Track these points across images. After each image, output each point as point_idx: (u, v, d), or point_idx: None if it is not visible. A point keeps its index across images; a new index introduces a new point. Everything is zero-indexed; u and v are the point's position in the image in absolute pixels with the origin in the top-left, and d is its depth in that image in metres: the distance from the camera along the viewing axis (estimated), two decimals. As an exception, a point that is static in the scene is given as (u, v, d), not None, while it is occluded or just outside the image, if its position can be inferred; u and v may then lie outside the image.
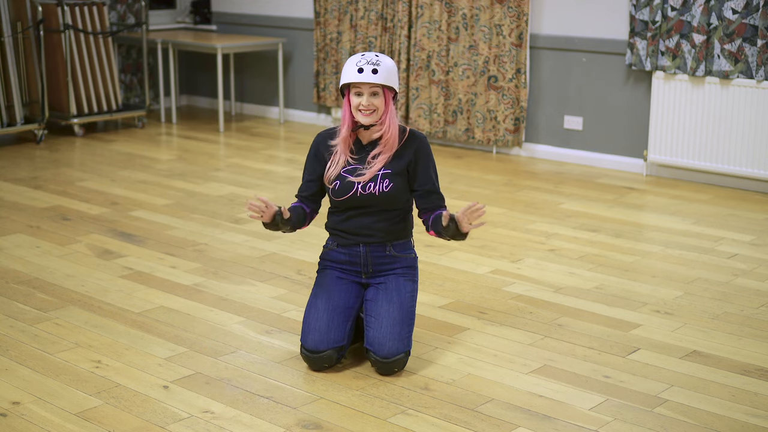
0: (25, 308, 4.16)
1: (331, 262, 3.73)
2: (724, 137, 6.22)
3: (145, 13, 8.26)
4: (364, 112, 3.54)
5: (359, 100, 3.53)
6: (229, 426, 3.18)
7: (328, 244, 3.76)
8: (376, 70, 3.49)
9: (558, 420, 3.24)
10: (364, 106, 3.52)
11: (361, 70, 3.50)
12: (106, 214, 5.59)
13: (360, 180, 3.57)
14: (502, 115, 7.06)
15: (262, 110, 8.72)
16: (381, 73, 3.50)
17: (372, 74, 3.49)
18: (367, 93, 3.52)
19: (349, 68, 3.53)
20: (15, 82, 7.39)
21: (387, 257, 3.67)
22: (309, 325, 3.59)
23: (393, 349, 3.51)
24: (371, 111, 3.53)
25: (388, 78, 3.52)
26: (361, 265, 3.68)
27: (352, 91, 3.55)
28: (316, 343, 3.55)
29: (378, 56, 3.53)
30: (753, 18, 5.97)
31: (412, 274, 3.71)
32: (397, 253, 3.68)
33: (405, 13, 7.37)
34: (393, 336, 3.52)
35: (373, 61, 3.51)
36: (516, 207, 5.85)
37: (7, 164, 6.81)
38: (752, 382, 3.53)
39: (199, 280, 4.54)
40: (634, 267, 4.79)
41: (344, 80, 3.55)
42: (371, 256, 3.67)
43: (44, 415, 3.23)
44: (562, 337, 3.92)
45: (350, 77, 3.52)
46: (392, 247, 3.67)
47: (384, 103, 3.55)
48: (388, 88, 3.56)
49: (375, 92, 3.52)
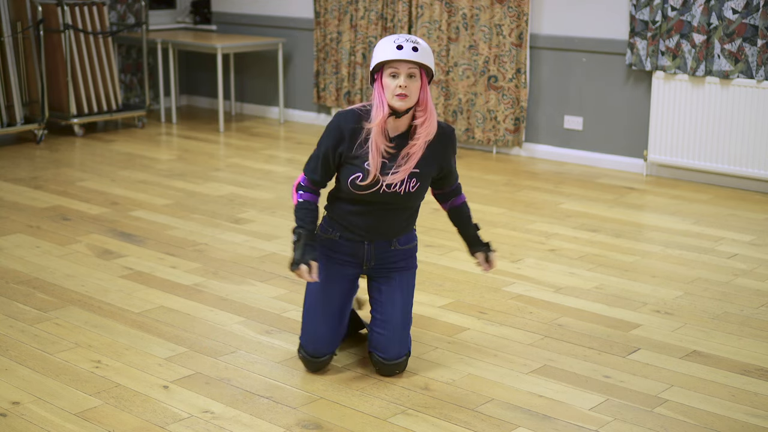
0: (25, 308, 4.16)
1: (331, 251, 3.50)
2: (724, 137, 6.22)
3: (145, 13, 8.26)
4: (400, 96, 3.22)
5: (396, 82, 3.22)
6: (229, 426, 3.18)
7: (329, 231, 3.50)
8: (416, 47, 3.20)
9: (558, 420, 3.24)
10: (401, 87, 3.21)
11: (400, 47, 3.19)
12: (106, 214, 5.59)
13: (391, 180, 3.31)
14: (502, 115, 7.06)
15: (262, 110, 8.72)
16: (421, 51, 3.21)
17: (413, 51, 3.19)
18: (404, 74, 3.22)
19: (386, 46, 3.22)
20: (15, 82, 7.39)
21: (391, 252, 3.51)
22: (311, 331, 3.53)
23: (396, 352, 3.51)
24: (407, 95, 3.22)
25: (427, 58, 3.24)
26: (364, 260, 3.51)
27: (386, 72, 3.23)
28: (317, 349, 3.52)
29: (415, 36, 3.28)
30: (753, 18, 5.97)
31: (413, 260, 3.59)
32: (401, 247, 3.52)
33: (405, 13, 7.37)
34: (396, 340, 3.51)
35: (413, 39, 3.23)
36: (516, 207, 5.85)
37: (7, 164, 6.81)
38: (752, 382, 3.53)
39: (199, 280, 4.54)
40: (634, 267, 4.79)
41: (381, 58, 3.21)
42: (376, 252, 3.49)
43: (44, 415, 3.23)
44: (562, 337, 3.92)
45: (389, 54, 3.20)
46: (397, 241, 3.51)
47: (419, 88, 3.25)
48: (426, 70, 3.28)
49: (412, 74, 3.22)
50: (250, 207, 5.75)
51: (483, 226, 5.41)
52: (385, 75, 3.24)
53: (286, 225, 5.40)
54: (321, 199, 3.49)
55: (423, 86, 3.27)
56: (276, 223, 5.45)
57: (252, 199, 5.94)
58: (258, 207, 5.78)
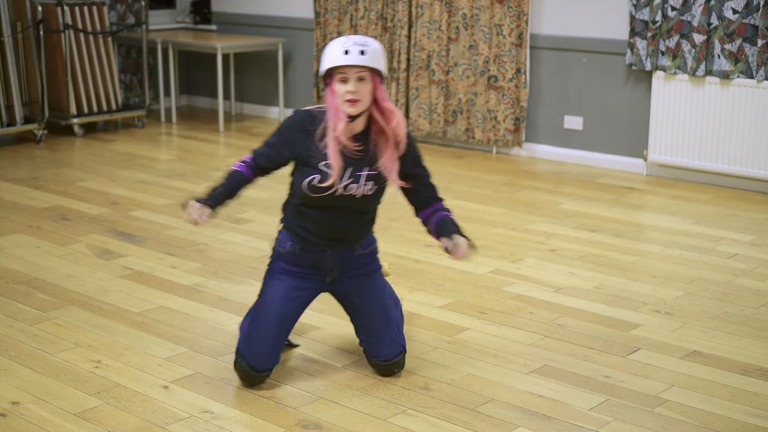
0: (25, 308, 4.16)
1: (290, 266, 3.41)
2: (724, 137, 6.22)
3: (145, 13, 8.26)
4: (350, 101, 3.17)
5: (345, 88, 3.17)
6: (229, 426, 3.18)
7: (287, 244, 3.41)
8: (363, 51, 3.15)
9: (558, 420, 3.24)
10: (350, 93, 3.17)
11: (347, 51, 3.14)
12: (106, 214, 5.59)
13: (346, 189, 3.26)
14: (502, 115, 7.06)
15: (262, 110, 8.71)
16: (369, 54, 3.16)
17: (359, 55, 3.14)
18: (354, 78, 3.17)
19: (334, 51, 3.17)
20: (15, 82, 7.39)
21: (354, 258, 3.42)
22: (260, 344, 3.39)
23: (389, 353, 3.50)
24: (357, 100, 3.17)
25: (377, 60, 3.19)
26: (327, 270, 3.41)
27: (336, 78, 3.19)
28: (263, 363, 3.39)
29: (364, 38, 3.21)
30: (753, 18, 5.97)
31: (376, 261, 3.51)
32: (363, 251, 3.44)
33: (405, 13, 7.37)
34: (385, 342, 3.49)
35: (360, 42, 3.16)
36: (516, 207, 5.85)
37: (7, 164, 6.81)
38: (752, 382, 3.53)
39: (199, 280, 4.54)
40: (634, 267, 4.79)
41: (329, 63, 3.18)
42: (339, 260, 3.39)
43: (44, 415, 3.23)
44: (562, 337, 3.92)
45: (335, 60, 3.15)
46: (359, 246, 3.43)
47: (370, 91, 3.20)
48: (376, 72, 3.22)
49: (362, 77, 3.17)
50: (250, 207, 5.75)
51: (483, 226, 5.42)
52: (335, 80, 3.20)
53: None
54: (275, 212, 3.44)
55: (376, 88, 3.22)
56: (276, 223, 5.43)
57: (252, 199, 5.94)
58: (258, 207, 5.78)
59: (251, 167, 3.40)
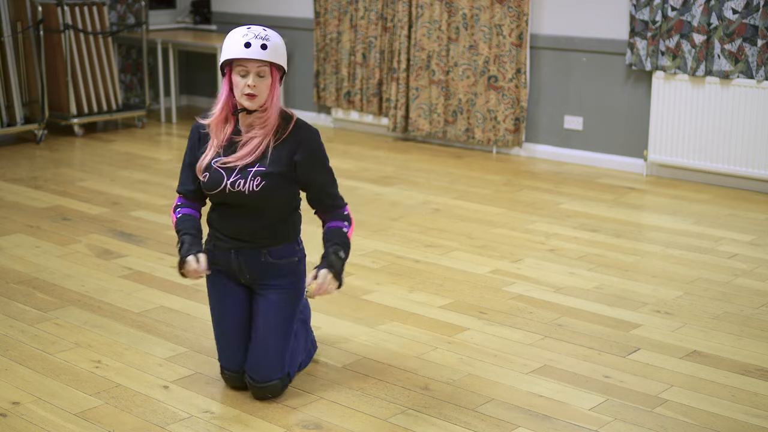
0: (25, 308, 4.16)
1: (215, 265, 3.34)
2: (724, 137, 6.22)
3: (145, 13, 8.26)
4: (248, 96, 3.12)
5: (244, 81, 3.10)
6: (229, 426, 3.18)
7: (207, 242, 3.36)
8: (265, 45, 3.07)
9: (558, 420, 3.24)
10: (249, 87, 3.10)
11: (248, 44, 3.06)
12: (106, 214, 5.59)
13: (223, 163, 3.18)
14: (502, 115, 7.06)
15: (262, 110, 8.71)
16: (271, 49, 3.09)
17: (261, 50, 3.07)
18: (254, 72, 3.10)
19: (234, 42, 3.09)
20: (15, 82, 7.39)
21: (262, 264, 3.28)
22: (222, 347, 3.39)
23: (264, 375, 3.29)
24: (256, 95, 3.12)
25: (278, 55, 3.12)
26: (236, 272, 3.32)
27: (236, 70, 3.12)
28: (234, 363, 3.36)
29: (266, 30, 3.13)
30: (753, 18, 5.97)
31: (297, 281, 3.34)
32: (274, 260, 3.28)
33: (405, 13, 7.36)
34: (266, 362, 3.30)
35: (262, 35, 3.09)
36: (516, 207, 5.85)
37: (7, 164, 6.81)
38: (752, 382, 3.53)
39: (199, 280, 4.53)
40: (634, 267, 4.79)
41: (228, 55, 3.10)
42: (244, 263, 3.28)
43: (44, 415, 3.23)
44: (562, 337, 3.92)
45: (235, 52, 3.07)
46: (268, 253, 3.27)
47: (270, 86, 3.14)
48: (277, 67, 3.15)
49: (261, 72, 3.11)
50: (250, 207, 5.74)
51: (483, 226, 5.42)
52: (234, 72, 3.14)
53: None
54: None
55: (273, 84, 3.15)
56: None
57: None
58: (258, 207, 5.77)
59: (188, 204, 3.34)
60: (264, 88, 3.13)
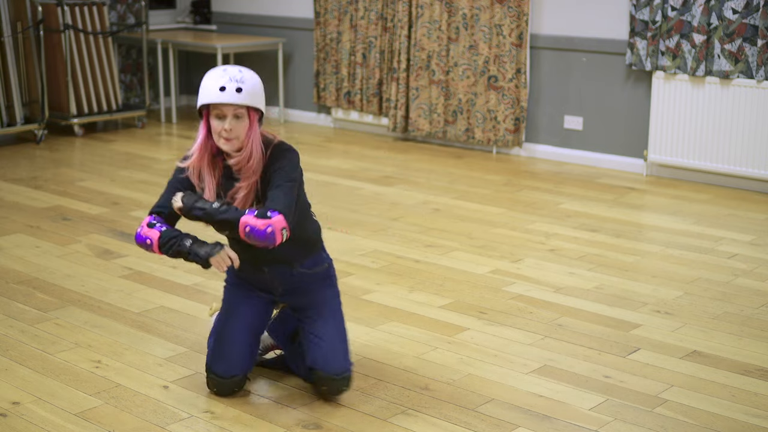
0: (25, 308, 4.16)
1: (239, 278, 3.38)
2: (724, 137, 6.22)
3: (145, 13, 8.26)
4: (226, 139, 3.10)
5: (221, 125, 3.09)
6: (229, 426, 3.18)
7: None
8: (240, 88, 3.07)
9: (558, 420, 3.24)
10: (226, 131, 3.08)
11: (223, 88, 3.06)
12: (106, 214, 5.59)
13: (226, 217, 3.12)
14: (502, 115, 7.06)
15: (262, 110, 8.70)
16: (246, 92, 3.08)
17: (236, 93, 3.06)
18: (230, 115, 3.08)
19: (210, 86, 3.09)
20: (15, 82, 7.39)
21: (296, 276, 3.32)
22: (220, 351, 3.33)
23: (340, 366, 3.29)
24: (234, 136, 3.10)
25: (254, 98, 3.10)
26: (270, 288, 3.36)
27: (213, 113, 3.11)
28: (226, 369, 3.32)
29: (242, 72, 3.11)
30: (753, 18, 5.97)
31: (331, 280, 3.39)
32: (307, 270, 3.33)
33: (405, 13, 7.36)
34: (338, 352, 3.31)
35: (237, 78, 3.07)
36: (516, 207, 5.85)
37: (7, 164, 6.81)
38: (752, 382, 3.53)
39: (199, 280, 4.54)
40: (634, 267, 4.79)
41: (203, 100, 3.10)
42: (278, 278, 3.32)
43: (44, 415, 3.23)
44: (562, 337, 3.92)
45: (211, 97, 3.08)
46: (300, 266, 3.31)
47: (247, 128, 3.11)
48: (254, 109, 3.13)
49: (238, 114, 3.09)
50: (250, 207, 5.75)
51: (483, 226, 5.42)
52: (211, 115, 3.13)
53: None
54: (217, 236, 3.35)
55: (251, 125, 3.12)
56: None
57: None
58: (258, 207, 5.77)
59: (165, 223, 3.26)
60: (241, 129, 3.11)
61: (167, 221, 3.26)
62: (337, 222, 5.42)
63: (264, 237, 3.05)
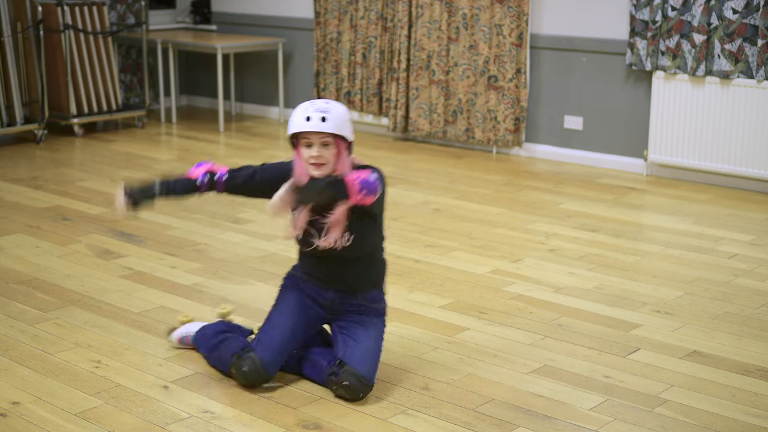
0: (25, 308, 4.16)
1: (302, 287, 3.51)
2: (724, 137, 6.22)
3: (145, 13, 8.26)
4: (315, 165, 3.27)
5: (309, 152, 3.27)
6: (229, 426, 3.18)
7: (299, 273, 3.53)
8: (325, 117, 3.23)
9: (558, 420, 3.24)
10: (314, 157, 3.26)
11: (308, 118, 3.24)
12: (106, 214, 5.59)
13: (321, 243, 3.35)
14: (502, 115, 7.06)
15: (262, 110, 8.72)
16: (331, 120, 3.23)
17: (321, 122, 3.23)
18: (318, 143, 3.25)
19: (297, 116, 3.28)
20: (15, 82, 7.39)
21: (355, 305, 3.47)
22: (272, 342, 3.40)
23: (369, 372, 3.35)
24: (322, 163, 3.26)
25: (339, 126, 3.25)
26: (327, 309, 3.49)
27: (302, 142, 3.29)
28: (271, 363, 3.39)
29: (328, 103, 3.27)
30: (753, 18, 5.97)
31: (383, 318, 3.53)
32: (368, 303, 3.48)
33: (405, 13, 7.37)
34: (371, 361, 3.38)
35: (322, 109, 3.24)
36: (516, 207, 5.85)
37: (7, 164, 6.81)
38: (752, 382, 3.53)
39: (199, 280, 4.54)
40: (634, 267, 4.79)
41: (293, 129, 3.29)
42: (339, 301, 3.47)
43: (44, 415, 3.23)
44: (562, 337, 3.92)
45: (298, 126, 3.26)
46: (365, 297, 3.47)
47: (335, 155, 3.28)
48: (340, 137, 3.28)
49: (326, 143, 3.25)
50: (250, 207, 5.75)
51: (483, 226, 5.42)
52: (301, 144, 3.30)
53: (286, 225, 5.39)
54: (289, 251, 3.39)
55: (339, 153, 3.28)
56: (276, 223, 5.45)
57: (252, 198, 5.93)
58: (258, 207, 5.77)
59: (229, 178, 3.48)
60: (330, 156, 3.27)
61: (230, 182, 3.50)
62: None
63: (373, 184, 3.19)
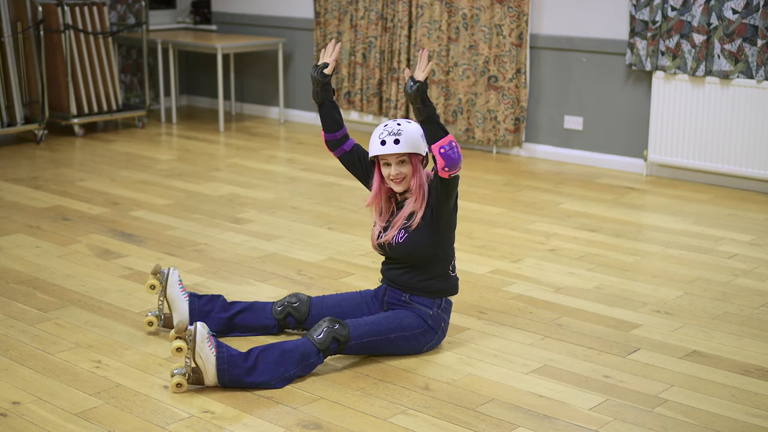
0: (25, 308, 4.16)
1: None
2: (724, 137, 6.22)
3: (145, 13, 8.26)
4: (395, 181, 3.64)
5: (388, 171, 3.64)
6: (229, 426, 3.18)
7: None
8: (398, 140, 3.58)
9: (558, 420, 3.24)
10: (393, 176, 3.63)
11: (383, 142, 3.60)
12: (106, 214, 5.59)
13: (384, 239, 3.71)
14: (502, 115, 7.07)
15: (262, 110, 8.72)
16: (404, 141, 3.58)
17: (394, 145, 3.58)
18: (395, 162, 3.61)
19: (373, 141, 3.64)
20: (15, 82, 7.39)
21: (401, 302, 3.74)
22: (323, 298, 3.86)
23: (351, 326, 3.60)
24: (401, 179, 3.63)
25: (412, 145, 3.59)
26: (379, 301, 3.82)
27: (381, 162, 3.66)
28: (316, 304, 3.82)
29: (400, 124, 3.61)
30: (753, 18, 5.97)
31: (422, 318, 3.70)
32: (412, 302, 3.72)
33: (405, 13, 7.37)
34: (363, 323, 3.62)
35: (395, 131, 3.60)
36: (516, 207, 5.85)
37: (7, 164, 6.81)
38: (752, 382, 3.53)
39: (199, 280, 4.54)
40: (634, 267, 4.79)
41: (371, 153, 3.67)
42: (388, 296, 3.78)
43: (44, 415, 3.23)
44: (562, 337, 3.92)
45: (375, 150, 3.63)
46: (410, 297, 3.73)
47: (412, 169, 3.63)
48: (414, 154, 3.62)
49: (402, 160, 3.61)
50: (250, 207, 5.75)
51: (483, 226, 5.42)
52: (381, 164, 3.68)
53: (286, 225, 5.40)
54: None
55: (415, 167, 3.63)
56: (276, 223, 5.45)
57: (252, 199, 5.94)
58: (258, 207, 5.78)
59: (348, 140, 3.88)
60: (407, 171, 3.64)
61: (346, 144, 3.88)
62: (337, 222, 5.42)
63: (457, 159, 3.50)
